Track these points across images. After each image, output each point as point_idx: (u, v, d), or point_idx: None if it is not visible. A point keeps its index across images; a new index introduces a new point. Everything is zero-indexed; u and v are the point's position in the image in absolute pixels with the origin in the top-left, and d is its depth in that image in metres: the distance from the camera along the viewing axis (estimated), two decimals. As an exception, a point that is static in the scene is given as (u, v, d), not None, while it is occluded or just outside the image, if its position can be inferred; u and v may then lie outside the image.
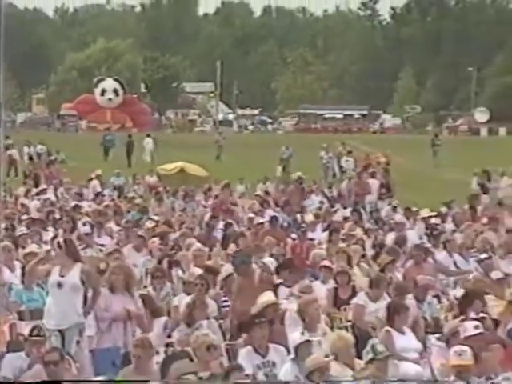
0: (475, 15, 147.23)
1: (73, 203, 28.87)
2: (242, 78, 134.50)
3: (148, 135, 62.70)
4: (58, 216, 25.07)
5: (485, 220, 25.66)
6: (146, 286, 16.96)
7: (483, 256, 19.71)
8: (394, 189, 34.66)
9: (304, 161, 48.60)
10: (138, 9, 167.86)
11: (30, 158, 52.07)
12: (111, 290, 14.31)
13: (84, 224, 23.28)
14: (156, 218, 26.17)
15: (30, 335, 12.19)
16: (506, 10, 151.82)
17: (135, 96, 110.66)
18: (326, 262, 18.19)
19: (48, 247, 20.02)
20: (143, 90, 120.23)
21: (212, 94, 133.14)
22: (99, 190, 34.28)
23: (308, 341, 12.31)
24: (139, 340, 12.39)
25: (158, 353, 12.90)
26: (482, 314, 13.95)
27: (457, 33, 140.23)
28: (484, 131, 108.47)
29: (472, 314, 13.95)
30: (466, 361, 11.31)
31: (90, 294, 14.16)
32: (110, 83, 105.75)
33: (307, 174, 38.36)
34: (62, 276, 14.40)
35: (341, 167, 46.08)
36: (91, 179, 36.19)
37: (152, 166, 45.96)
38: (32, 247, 19.21)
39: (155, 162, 54.51)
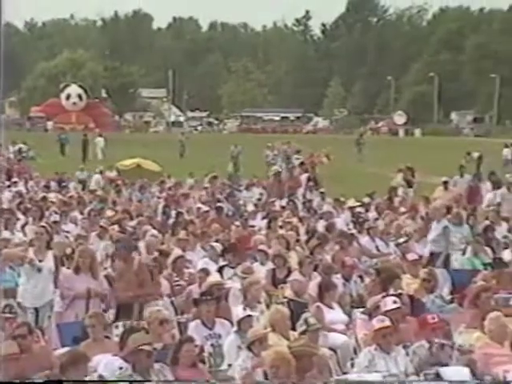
0: (394, 31, 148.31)
1: (41, 194, 28.72)
2: (191, 84, 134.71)
3: (100, 135, 63.02)
4: (28, 206, 24.90)
5: (403, 209, 25.92)
6: (106, 268, 16.87)
7: (401, 240, 19.96)
8: (320, 182, 35.05)
9: (249, 157, 48.67)
10: (100, 23, 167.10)
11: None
12: (76, 271, 14.26)
13: (52, 213, 23.25)
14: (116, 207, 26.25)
15: (3, 312, 12.08)
16: (420, 26, 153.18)
17: (97, 100, 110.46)
18: (263, 247, 18.23)
19: (20, 234, 20.01)
20: (104, 95, 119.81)
21: (165, 99, 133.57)
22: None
23: (249, 316, 12.36)
24: (93, 313, 12.42)
25: (117, 327, 12.88)
26: (399, 291, 14.05)
27: (378, 46, 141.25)
28: (401, 132, 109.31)
29: (391, 291, 14.04)
30: (386, 323, 11.41)
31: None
32: (74, 89, 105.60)
33: (254, 169, 38.42)
34: (41, 261, 14.44)
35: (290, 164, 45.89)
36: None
37: (103, 160, 46.32)
38: (4, 234, 19.15)
39: (105, 157, 55.51)
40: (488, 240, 20.54)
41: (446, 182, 28.37)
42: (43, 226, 18.16)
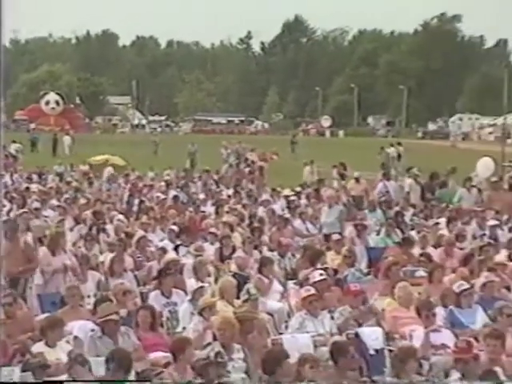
0: (320, 49, 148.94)
1: (24, 185, 28.49)
2: (152, 93, 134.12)
3: (67, 133, 63.09)
4: (13, 195, 24.66)
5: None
6: (80, 247, 16.78)
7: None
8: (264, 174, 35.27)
9: (204, 155, 48.34)
10: (74, 41, 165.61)
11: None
12: (53, 250, 14.17)
13: (33, 201, 23.10)
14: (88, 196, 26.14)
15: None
16: (342, 46, 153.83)
17: (72, 106, 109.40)
18: (213, 229, 18.26)
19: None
20: (78, 101, 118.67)
21: (129, 105, 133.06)
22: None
23: (201, 287, 12.40)
24: (71, 285, 12.39)
25: (89, 296, 12.84)
26: (325, 265, 14.13)
27: (308, 62, 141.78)
28: (328, 133, 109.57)
29: (318, 265, 14.11)
30: (311, 292, 11.50)
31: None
32: (52, 96, 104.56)
33: (207, 164, 38.29)
34: None
35: (246, 159, 45.52)
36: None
37: (70, 156, 46.19)
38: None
39: (72, 152, 55.54)
40: (398, 223, 20.75)
41: (357, 178, 28.21)
42: (25, 212, 18.20)
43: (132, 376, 8.81)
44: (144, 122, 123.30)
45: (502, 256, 15.51)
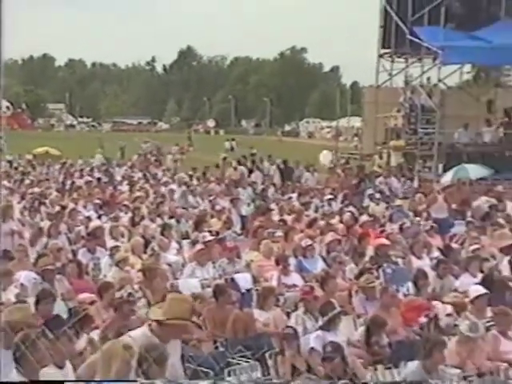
0: (207, 70, 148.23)
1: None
2: (81, 101, 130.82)
3: None
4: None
5: (212, 179, 25.77)
6: (25, 216, 16.32)
7: (211, 198, 19.99)
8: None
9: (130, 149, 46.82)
10: (20, 62, 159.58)
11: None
12: (4, 219, 13.74)
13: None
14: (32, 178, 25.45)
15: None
16: (223, 68, 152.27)
17: (19, 110, 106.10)
18: (126, 203, 18.02)
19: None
20: (24, 107, 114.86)
21: (63, 110, 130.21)
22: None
23: (117, 246, 12.27)
24: (19, 244, 12.16)
25: (32, 253, 12.50)
26: (210, 228, 14.13)
27: (198, 79, 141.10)
28: (212, 132, 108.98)
29: (205, 228, 14.19)
30: (200, 247, 11.63)
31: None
32: (4, 103, 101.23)
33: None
34: None
35: (159, 149, 44.52)
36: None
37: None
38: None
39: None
40: (264, 197, 20.95)
41: (235, 167, 28.08)
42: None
43: (62, 309, 8.63)
44: (75, 122, 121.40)
45: (335, 220, 15.84)
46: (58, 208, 16.67)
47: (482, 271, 11.08)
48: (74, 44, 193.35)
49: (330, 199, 19.55)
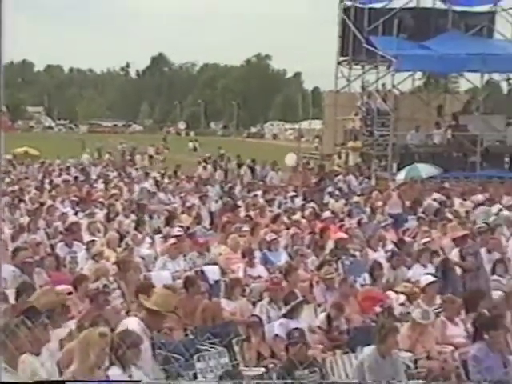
0: (178, 76, 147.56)
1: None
2: (59, 104, 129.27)
3: None
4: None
5: (183, 177, 25.66)
6: (5, 213, 16.08)
7: (182, 194, 19.89)
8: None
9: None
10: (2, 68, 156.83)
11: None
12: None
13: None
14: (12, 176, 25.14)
15: None
16: (192, 74, 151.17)
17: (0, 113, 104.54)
18: (101, 199, 17.81)
19: None
20: (4, 109, 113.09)
21: (42, 112, 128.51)
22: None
23: (93, 240, 12.16)
24: None
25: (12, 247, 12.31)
26: (181, 224, 14.07)
27: (170, 85, 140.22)
28: (183, 133, 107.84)
29: (176, 224, 14.14)
30: (172, 241, 11.61)
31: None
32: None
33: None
34: None
35: (134, 149, 43.92)
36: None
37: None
38: None
39: None
40: (231, 194, 20.92)
41: (204, 166, 28.04)
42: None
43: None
44: (53, 124, 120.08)
45: (297, 216, 15.88)
46: (36, 205, 16.47)
47: (431, 262, 11.21)
48: (52, 50, 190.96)
49: (292, 196, 19.57)
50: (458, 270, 10.77)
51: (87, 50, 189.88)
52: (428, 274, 10.08)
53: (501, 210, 16.50)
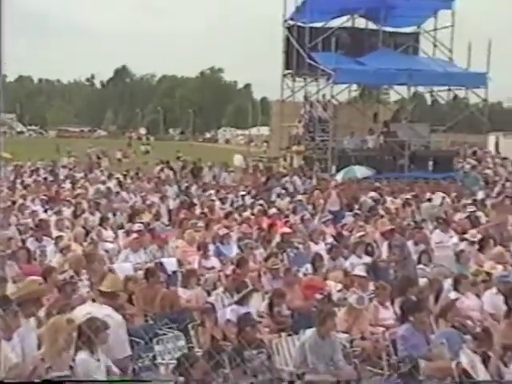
0: (139, 86, 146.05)
1: None
2: (30, 112, 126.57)
3: None
4: None
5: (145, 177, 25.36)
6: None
7: (143, 193, 19.69)
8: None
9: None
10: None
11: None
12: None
13: None
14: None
15: None
16: (152, 84, 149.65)
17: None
18: (69, 198, 17.53)
19: None
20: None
21: (14, 119, 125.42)
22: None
23: (60, 236, 11.95)
24: None
25: None
26: (142, 221, 13.91)
27: (131, 94, 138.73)
28: (144, 138, 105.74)
29: (137, 220, 13.98)
30: (134, 236, 11.44)
31: None
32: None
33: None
34: None
35: (103, 152, 43.06)
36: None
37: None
38: None
39: None
40: (188, 193, 20.79)
41: (162, 167, 27.74)
42: None
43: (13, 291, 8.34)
44: (24, 130, 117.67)
45: (247, 213, 15.92)
46: (8, 203, 16.10)
47: (367, 253, 11.40)
48: (22, 62, 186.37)
49: (243, 195, 19.60)
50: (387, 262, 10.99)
51: (55, 62, 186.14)
52: (363, 263, 10.27)
53: (441, 203, 16.93)
